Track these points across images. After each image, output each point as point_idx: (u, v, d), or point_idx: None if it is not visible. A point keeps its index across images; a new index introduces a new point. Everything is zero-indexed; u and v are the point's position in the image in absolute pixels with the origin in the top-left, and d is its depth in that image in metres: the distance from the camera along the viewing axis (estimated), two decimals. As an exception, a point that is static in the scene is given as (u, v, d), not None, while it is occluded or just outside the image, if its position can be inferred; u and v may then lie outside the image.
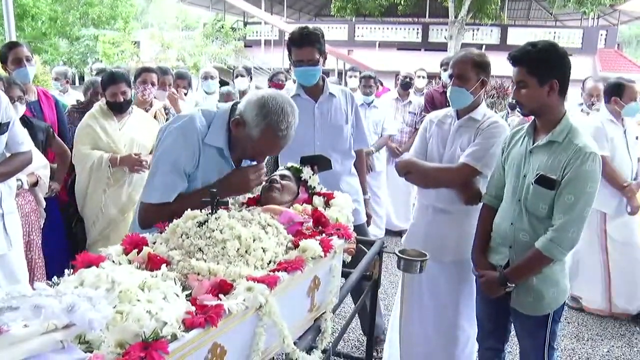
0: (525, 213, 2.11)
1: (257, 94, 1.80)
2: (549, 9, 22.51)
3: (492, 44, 20.14)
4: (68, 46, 20.82)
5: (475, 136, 2.44)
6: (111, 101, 3.21)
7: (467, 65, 2.40)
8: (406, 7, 18.72)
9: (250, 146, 1.84)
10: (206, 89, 5.39)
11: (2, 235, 2.39)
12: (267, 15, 23.49)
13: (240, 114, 1.80)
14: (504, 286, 2.11)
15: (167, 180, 1.78)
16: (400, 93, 5.69)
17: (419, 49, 21.70)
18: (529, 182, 2.08)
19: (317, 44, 2.65)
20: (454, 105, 2.50)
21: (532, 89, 2.01)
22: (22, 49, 3.26)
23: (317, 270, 1.54)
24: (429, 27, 22.43)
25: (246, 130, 1.79)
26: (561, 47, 2.06)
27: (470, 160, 2.38)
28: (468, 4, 17.29)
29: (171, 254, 1.36)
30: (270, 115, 1.75)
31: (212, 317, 1.10)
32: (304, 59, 2.66)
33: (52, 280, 1.24)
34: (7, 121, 2.34)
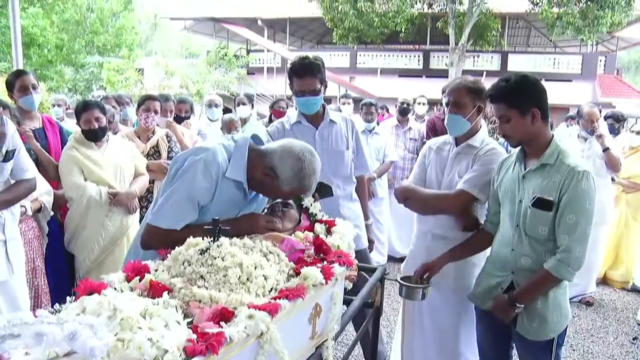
0: (525, 237, 2.12)
1: (294, 151, 1.84)
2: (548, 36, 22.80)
3: (493, 70, 20.35)
4: (73, 73, 21.14)
5: (473, 163, 2.46)
6: (85, 128, 3.18)
7: (462, 92, 2.44)
8: (407, 34, 18.95)
9: (273, 193, 1.93)
10: (210, 116, 5.44)
11: (4, 261, 2.39)
12: (270, 43, 23.87)
13: (273, 168, 1.83)
14: (513, 307, 2.12)
15: (180, 210, 1.79)
16: (400, 119, 5.74)
17: (420, 76, 21.92)
18: (525, 206, 2.11)
19: (318, 73, 2.68)
20: (452, 132, 2.54)
21: (515, 121, 2.07)
22: (29, 77, 3.31)
23: (318, 298, 1.54)
24: (430, 54, 22.71)
25: (276, 183, 1.84)
26: (532, 75, 2.13)
27: (467, 187, 2.39)
28: (468, 31, 17.53)
29: (173, 282, 1.37)
30: (304, 180, 1.84)
31: (213, 345, 1.10)
32: (305, 89, 2.69)
33: (54, 308, 1.24)
34: (13, 149, 2.37)
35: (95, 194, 3.12)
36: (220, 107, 5.52)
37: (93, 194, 3.11)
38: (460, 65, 17.92)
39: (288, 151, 1.85)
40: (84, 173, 3.16)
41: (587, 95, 18.90)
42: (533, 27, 24.29)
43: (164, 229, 1.79)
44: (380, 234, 5.42)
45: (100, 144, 3.25)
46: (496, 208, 2.32)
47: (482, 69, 19.91)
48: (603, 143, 4.51)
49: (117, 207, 3.20)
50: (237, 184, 1.89)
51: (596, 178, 2.07)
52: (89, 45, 21.68)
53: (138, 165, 3.41)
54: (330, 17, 19.14)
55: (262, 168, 1.85)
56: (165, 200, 1.83)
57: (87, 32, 21.53)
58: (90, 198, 3.11)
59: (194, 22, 25.36)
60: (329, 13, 19.00)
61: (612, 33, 19.28)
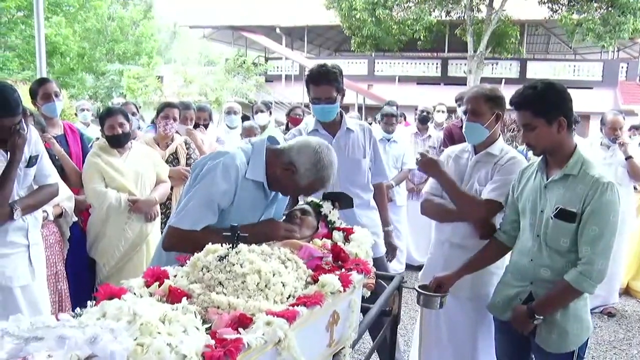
0: (546, 248, 2.09)
1: (311, 145, 1.92)
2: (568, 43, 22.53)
3: (512, 77, 20.18)
4: (94, 81, 21.46)
5: (493, 171, 2.44)
6: (109, 134, 3.23)
7: (480, 100, 2.42)
8: (425, 42, 18.91)
9: (293, 188, 1.98)
10: (229, 123, 5.49)
11: (27, 266, 2.43)
12: (288, 50, 24.00)
13: (292, 162, 1.90)
14: (532, 319, 2.08)
15: (200, 212, 1.85)
16: (419, 127, 5.72)
17: (438, 84, 21.82)
18: (547, 216, 2.07)
19: (335, 82, 2.68)
20: (470, 140, 2.52)
21: (540, 130, 2.02)
22: (52, 85, 3.38)
23: (336, 305, 1.54)
24: (448, 61, 22.60)
25: (295, 177, 1.91)
26: (559, 83, 2.09)
27: (495, 195, 2.37)
28: (487, 39, 17.43)
29: (192, 288, 1.38)
30: (322, 171, 1.91)
31: (231, 351, 1.10)
32: (321, 96, 2.70)
33: (75, 312, 1.26)
34: (36, 154, 2.42)
35: (115, 200, 3.16)
36: (239, 114, 5.57)
37: (113, 201, 3.15)
38: (478, 73, 17.82)
39: (305, 145, 1.92)
40: (105, 180, 3.20)
41: (608, 103, 18.59)
42: (552, 34, 24.04)
43: (184, 230, 1.84)
44: (399, 242, 5.38)
45: (123, 150, 3.29)
46: (512, 217, 2.29)
47: (501, 76, 19.75)
48: (626, 151, 4.44)
49: (136, 214, 3.23)
50: (257, 184, 1.94)
51: (618, 187, 2.03)
52: (110, 53, 22.00)
53: (160, 172, 3.45)
54: (348, 25, 19.21)
55: (281, 164, 1.92)
56: (185, 203, 1.88)
57: (108, 40, 21.85)
58: (110, 205, 3.15)
59: (212, 30, 25.64)
60: (347, 21, 19.07)
61: (634, 39, 19.00)
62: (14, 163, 2.23)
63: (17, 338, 1.05)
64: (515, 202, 2.26)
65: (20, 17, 18.63)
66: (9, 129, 2.16)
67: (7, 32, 18.72)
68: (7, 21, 18.69)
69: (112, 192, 3.17)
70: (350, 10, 18.59)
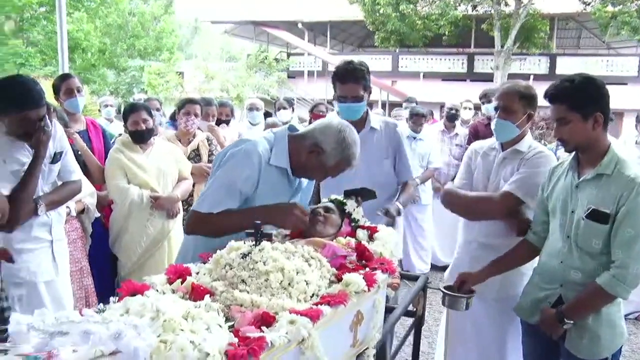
0: (576, 250, 2.02)
1: (333, 125, 1.96)
2: (600, 37, 21.94)
3: (541, 73, 19.79)
4: (115, 77, 21.66)
5: (519, 166, 2.38)
6: (132, 130, 3.25)
7: (514, 97, 2.35)
8: (451, 37, 18.65)
9: (320, 170, 1.99)
10: (251, 120, 5.49)
11: (51, 261, 2.46)
12: (310, 46, 23.98)
13: (316, 143, 1.93)
14: (561, 323, 2.01)
15: (218, 196, 1.88)
16: (447, 125, 5.64)
17: (464, 80, 21.53)
18: (578, 217, 2.00)
19: (362, 80, 2.61)
20: (499, 138, 2.46)
21: (575, 125, 1.95)
22: (74, 81, 3.42)
23: (360, 305, 1.52)
24: (475, 57, 22.27)
25: (321, 158, 1.93)
26: (598, 78, 2.01)
27: (512, 188, 2.31)
28: (515, 34, 17.11)
29: (214, 285, 1.37)
30: (348, 149, 1.93)
31: (254, 350, 1.09)
32: (347, 94, 2.62)
33: (99, 307, 1.27)
34: (61, 151, 2.44)
35: (137, 197, 3.18)
36: (261, 110, 5.56)
37: (135, 198, 3.17)
38: (505, 69, 17.50)
39: (327, 126, 1.96)
40: (128, 176, 3.23)
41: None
42: (584, 27, 23.43)
43: (202, 213, 1.88)
44: (424, 241, 5.34)
45: (146, 147, 3.31)
46: (542, 218, 2.22)
47: (529, 72, 19.39)
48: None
49: (158, 210, 3.26)
50: (281, 171, 1.97)
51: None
52: (131, 49, 22.20)
53: (182, 169, 3.46)
54: (372, 20, 19.08)
55: (306, 147, 1.93)
56: (207, 188, 1.96)
57: (129, 36, 22.02)
58: (132, 201, 3.18)
59: (234, 25, 25.70)
60: (370, 16, 18.95)
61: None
62: (39, 159, 2.25)
63: (42, 332, 1.06)
64: (544, 202, 2.20)
65: (43, 12, 18.98)
66: (34, 122, 2.19)
67: (29, 28, 19.11)
68: (30, 17, 19.07)
69: (135, 189, 3.19)
70: (373, 5, 18.45)
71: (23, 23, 19.27)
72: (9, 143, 2.25)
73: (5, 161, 2.23)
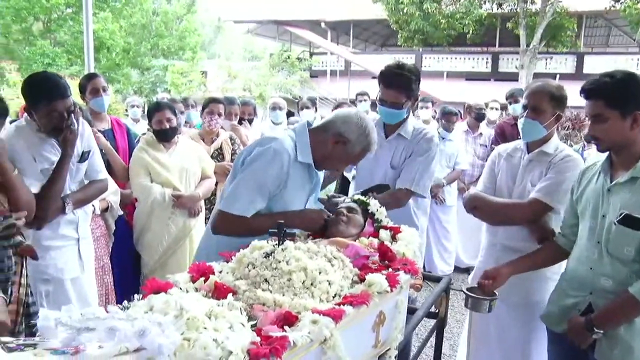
0: (607, 256, 1.90)
1: (351, 114, 2.03)
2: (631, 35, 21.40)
3: (567, 73, 19.42)
4: (139, 76, 21.96)
5: (547, 170, 2.32)
6: (157, 128, 3.29)
7: (544, 97, 2.28)
8: (475, 36, 18.41)
9: (345, 160, 2.06)
10: (274, 119, 5.50)
11: (77, 259, 2.50)
12: (333, 45, 23.95)
13: (340, 133, 1.98)
14: (591, 332, 1.90)
15: (251, 197, 1.90)
16: (471, 125, 5.57)
17: (488, 79, 21.26)
18: (610, 222, 1.88)
19: (407, 88, 2.51)
20: (525, 138, 2.40)
21: (613, 123, 1.85)
22: (100, 80, 3.47)
23: (382, 305, 1.51)
24: (499, 56, 21.96)
25: (347, 147, 1.99)
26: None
27: (541, 195, 2.26)
28: (541, 32, 16.81)
29: (237, 284, 1.38)
30: (370, 136, 2.01)
31: (277, 349, 1.09)
32: (388, 99, 2.55)
33: (123, 304, 1.28)
34: (88, 150, 2.49)
35: (159, 195, 3.22)
36: (284, 110, 5.57)
37: (157, 196, 3.21)
38: (531, 68, 17.20)
39: (347, 116, 2.01)
40: (151, 174, 3.27)
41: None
42: (614, 25, 22.89)
43: (234, 215, 1.88)
44: (448, 243, 5.28)
45: (169, 145, 3.34)
46: (572, 221, 2.13)
47: (555, 71, 19.04)
48: None
49: (180, 209, 3.29)
50: (304, 166, 2.01)
51: None
52: (154, 48, 22.45)
53: (205, 168, 3.49)
54: (395, 19, 18.96)
55: (330, 139, 1.98)
56: (235, 187, 1.91)
57: (153, 35, 22.26)
58: (155, 199, 3.21)
59: (257, 24, 25.82)
60: (394, 15, 18.83)
61: None
62: (66, 157, 2.29)
63: (70, 328, 1.08)
64: (574, 205, 2.11)
65: (69, 13, 19.37)
66: (62, 115, 2.23)
67: (57, 29, 19.53)
68: (57, 18, 19.47)
69: (157, 187, 3.23)
70: (397, 4, 18.33)
71: (50, 24, 19.72)
72: (39, 142, 2.30)
73: (35, 159, 2.28)
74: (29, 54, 18.58)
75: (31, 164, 2.26)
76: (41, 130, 2.30)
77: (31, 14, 18.88)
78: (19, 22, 18.67)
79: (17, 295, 2.01)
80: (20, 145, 2.24)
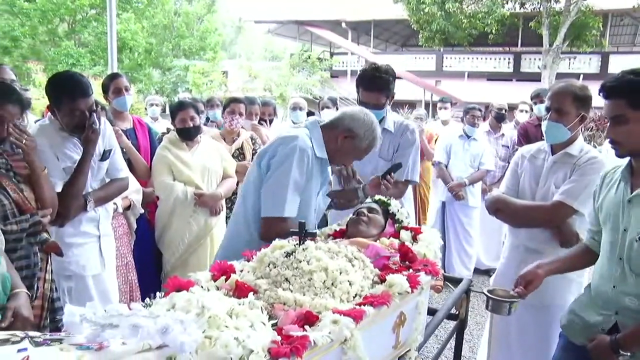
0: (631, 274, 1.74)
1: (357, 111, 2.15)
2: (659, 34, 20.91)
3: (591, 73, 19.07)
4: (160, 76, 22.14)
5: (571, 172, 2.28)
6: (180, 127, 3.32)
7: (567, 99, 2.24)
8: (497, 36, 18.18)
9: (355, 153, 2.16)
10: (294, 119, 5.50)
11: (98, 256, 2.55)
12: (354, 45, 23.91)
13: (350, 129, 2.10)
14: (616, 354, 1.75)
15: (293, 197, 1.99)
16: (493, 125, 5.50)
17: (510, 80, 21.01)
18: (632, 238, 1.72)
19: (386, 90, 2.65)
20: (549, 140, 2.36)
21: (635, 125, 1.70)
22: (122, 80, 3.52)
23: (403, 306, 1.50)
24: (521, 56, 21.67)
25: (355, 142, 2.10)
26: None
27: (565, 198, 2.22)
28: (564, 31, 16.51)
29: (258, 283, 1.38)
30: (375, 131, 2.13)
31: (297, 348, 1.10)
32: (369, 102, 2.64)
33: (145, 302, 1.30)
34: (110, 148, 2.53)
35: (181, 194, 3.24)
36: (305, 110, 5.56)
37: (179, 194, 3.24)
38: (554, 68, 16.92)
39: (354, 112, 2.14)
40: (174, 173, 3.30)
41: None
42: (641, 24, 22.42)
43: (284, 218, 1.95)
44: (469, 247, 5.19)
45: (192, 144, 3.37)
46: (598, 228, 1.98)
47: (579, 71, 18.73)
48: None
49: (201, 207, 3.31)
50: (320, 161, 2.10)
51: None
52: (176, 48, 22.66)
53: (227, 167, 3.51)
54: (416, 19, 18.82)
55: (340, 134, 2.10)
56: (275, 191, 1.98)
57: (174, 36, 22.45)
58: (176, 197, 3.24)
59: (277, 24, 25.92)
60: (415, 15, 18.69)
61: None
62: (87, 156, 2.34)
63: (94, 324, 1.09)
64: (597, 213, 1.96)
65: (93, 14, 19.67)
66: (84, 113, 2.27)
67: (81, 30, 19.86)
68: (82, 19, 19.80)
69: (179, 185, 3.26)
70: (418, 3, 18.19)
71: (75, 25, 20.07)
72: (62, 140, 2.35)
73: (58, 158, 2.33)
74: (54, 55, 18.94)
75: (54, 162, 2.31)
76: (64, 129, 2.34)
77: (57, 16, 19.25)
78: (45, 23, 19.04)
79: (42, 290, 2.05)
80: (43, 144, 2.28)
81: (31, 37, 18.93)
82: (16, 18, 18.72)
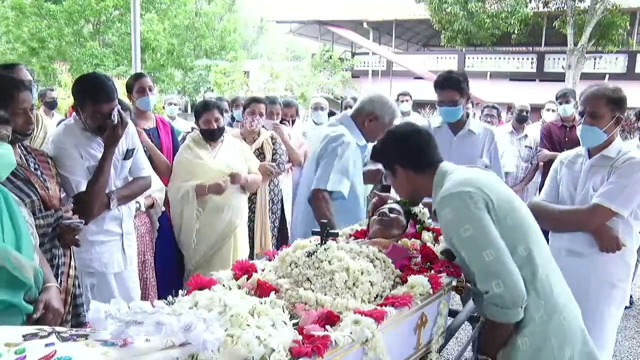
0: None
1: (372, 94, 2.74)
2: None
3: (618, 73, 18.68)
4: (182, 76, 22.30)
5: (609, 175, 2.23)
6: (204, 128, 3.31)
7: (601, 102, 2.20)
8: (520, 35, 17.91)
9: (380, 131, 2.35)
10: (316, 119, 5.49)
11: (121, 254, 2.58)
12: (375, 45, 23.82)
13: (371, 112, 2.64)
14: None
15: (338, 176, 2.44)
16: (515, 126, 5.42)
17: (533, 80, 20.69)
18: None
19: (457, 87, 2.99)
20: (585, 144, 2.32)
21: None
22: (146, 80, 3.54)
23: (424, 308, 1.49)
24: (545, 56, 21.32)
25: (379, 121, 2.62)
26: None
27: (603, 200, 2.17)
28: (589, 30, 16.18)
29: (279, 282, 1.39)
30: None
31: (319, 348, 1.10)
32: (445, 99, 3.03)
33: (167, 299, 1.31)
34: (133, 147, 2.56)
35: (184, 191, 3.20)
36: (326, 110, 5.55)
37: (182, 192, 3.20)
38: (578, 68, 16.58)
39: (371, 97, 2.69)
40: (196, 173, 3.28)
41: None
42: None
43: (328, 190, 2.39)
44: None
45: (215, 144, 3.38)
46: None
47: (604, 71, 18.37)
48: None
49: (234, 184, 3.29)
50: (360, 148, 2.58)
51: None
52: (197, 48, 22.81)
53: (251, 166, 3.51)
54: (438, 19, 18.66)
55: (366, 118, 2.63)
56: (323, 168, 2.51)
57: (196, 36, 22.57)
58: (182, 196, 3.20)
59: (299, 24, 25.93)
60: (437, 15, 18.53)
61: None
62: (108, 155, 2.36)
63: (119, 321, 1.11)
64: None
65: (117, 15, 19.95)
66: (106, 115, 2.30)
67: (105, 31, 20.17)
68: (106, 20, 20.10)
69: (185, 184, 3.22)
70: (440, 3, 18.03)
71: (100, 26, 20.39)
72: (86, 140, 2.38)
73: (82, 157, 2.36)
74: (79, 55, 19.28)
75: (78, 161, 2.34)
76: (87, 129, 2.38)
77: (82, 17, 19.58)
78: (71, 25, 19.39)
79: (65, 285, 2.09)
80: (68, 143, 2.32)
81: (57, 38, 19.29)
82: (43, 20, 19.09)
